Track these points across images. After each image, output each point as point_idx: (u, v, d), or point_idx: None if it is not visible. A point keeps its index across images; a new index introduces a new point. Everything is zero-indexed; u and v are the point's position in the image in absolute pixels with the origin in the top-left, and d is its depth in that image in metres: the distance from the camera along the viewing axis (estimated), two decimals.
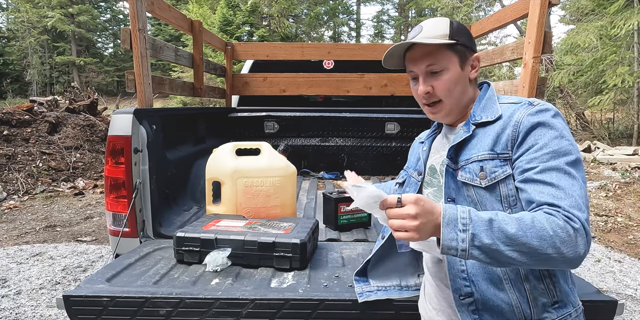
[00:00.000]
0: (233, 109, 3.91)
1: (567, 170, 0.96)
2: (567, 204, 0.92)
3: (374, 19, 33.49)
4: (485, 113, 1.12)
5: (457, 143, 1.13)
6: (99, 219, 5.03)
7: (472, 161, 1.09)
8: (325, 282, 1.51)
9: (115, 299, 1.37)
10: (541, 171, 0.97)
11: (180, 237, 1.68)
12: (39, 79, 27.69)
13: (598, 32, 9.43)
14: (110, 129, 1.95)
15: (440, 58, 1.12)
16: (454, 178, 1.13)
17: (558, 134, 1.00)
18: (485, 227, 0.89)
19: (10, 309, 2.80)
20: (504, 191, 1.05)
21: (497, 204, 1.05)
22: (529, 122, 1.02)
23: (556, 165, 0.97)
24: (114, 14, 33.52)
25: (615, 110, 11.62)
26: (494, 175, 1.05)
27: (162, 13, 2.56)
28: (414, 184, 1.29)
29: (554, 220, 0.89)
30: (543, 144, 0.99)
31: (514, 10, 2.47)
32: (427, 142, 1.30)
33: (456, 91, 1.14)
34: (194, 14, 17.50)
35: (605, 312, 1.38)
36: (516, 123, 1.04)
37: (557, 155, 0.98)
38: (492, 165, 1.05)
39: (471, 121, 1.14)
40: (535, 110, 1.04)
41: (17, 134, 6.78)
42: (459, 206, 0.93)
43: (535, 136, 1.01)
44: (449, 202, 1.12)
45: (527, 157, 1.01)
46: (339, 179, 3.66)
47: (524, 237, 0.87)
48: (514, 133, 1.04)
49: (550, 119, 1.02)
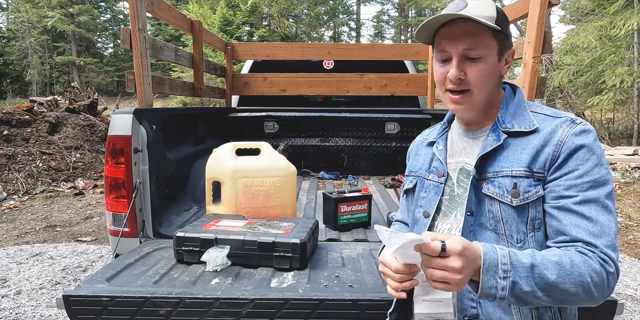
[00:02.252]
0: (233, 109, 3.91)
1: (606, 204, 0.92)
2: (603, 244, 0.89)
3: (374, 19, 33.50)
4: (517, 121, 1.03)
5: (486, 153, 1.03)
6: (99, 219, 5.03)
7: (504, 175, 1.00)
8: (325, 282, 1.51)
9: (115, 299, 1.37)
10: (580, 202, 0.92)
11: (180, 237, 1.68)
12: (39, 79, 27.68)
13: (597, 33, 9.42)
14: (110, 129, 1.95)
15: (482, 43, 0.98)
16: (477, 190, 1.03)
17: (599, 161, 0.95)
18: (527, 273, 0.84)
19: (10, 309, 2.80)
20: (532, 213, 0.98)
21: (522, 225, 0.99)
22: (573, 144, 0.95)
23: (596, 197, 0.92)
24: (114, 14, 33.52)
25: (615, 110, 11.62)
26: (527, 195, 0.97)
27: (162, 13, 2.56)
28: (433, 188, 1.14)
29: (591, 264, 0.86)
30: (585, 171, 0.94)
31: (514, 10, 2.47)
32: (441, 141, 1.17)
33: (488, 85, 1.02)
34: (194, 14, 17.49)
35: (605, 312, 1.38)
36: (559, 142, 0.96)
37: (597, 185, 0.93)
38: (526, 184, 0.98)
39: (501, 128, 1.03)
40: (579, 130, 0.97)
41: (17, 134, 6.78)
42: (497, 248, 0.87)
43: (578, 160, 0.95)
44: (468, 217, 1.04)
45: (566, 183, 0.95)
46: (338, 179, 3.67)
47: (562, 284, 0.85)
48: (555, 153, 0.96)
49: (592, 142, 0.96)
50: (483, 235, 1.03)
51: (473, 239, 1.02)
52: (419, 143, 1.29)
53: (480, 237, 1.03)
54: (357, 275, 1.58)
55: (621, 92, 9.62)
